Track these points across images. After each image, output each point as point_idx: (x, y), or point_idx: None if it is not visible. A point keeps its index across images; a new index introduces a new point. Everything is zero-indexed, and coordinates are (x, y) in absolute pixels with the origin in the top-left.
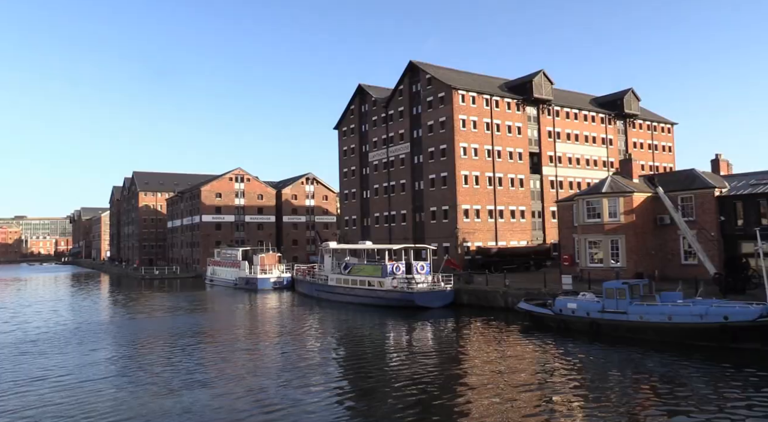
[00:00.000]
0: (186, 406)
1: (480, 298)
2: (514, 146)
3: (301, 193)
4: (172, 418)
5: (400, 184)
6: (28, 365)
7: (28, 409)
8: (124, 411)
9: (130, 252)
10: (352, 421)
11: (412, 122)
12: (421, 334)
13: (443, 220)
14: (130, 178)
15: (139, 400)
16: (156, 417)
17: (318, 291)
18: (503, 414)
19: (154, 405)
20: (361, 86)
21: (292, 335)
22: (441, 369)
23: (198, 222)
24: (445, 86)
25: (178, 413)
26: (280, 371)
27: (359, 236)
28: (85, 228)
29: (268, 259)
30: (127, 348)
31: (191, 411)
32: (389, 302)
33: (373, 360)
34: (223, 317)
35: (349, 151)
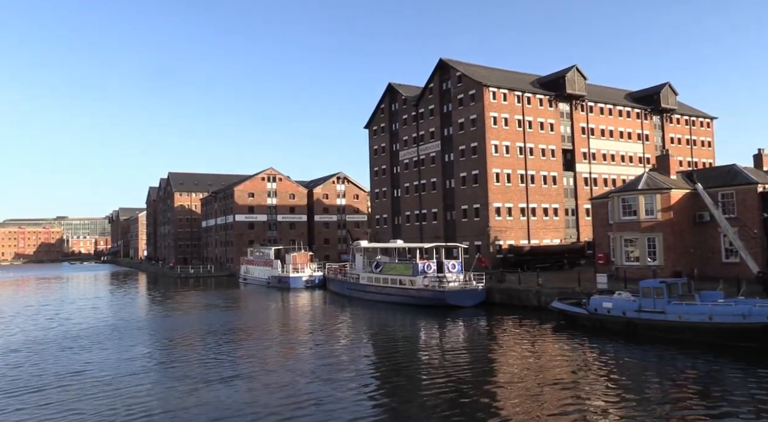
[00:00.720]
0: (220, 399)
1: (512, 297)
2: (547, 143)
3: (332, 192)
4: (207, 411)
5: (430, 182)
6: (70, 360)
7: (70, 401)
8: (161, 403)
9: (166, 251)
10: (383, 417)
11: (443, 120)
12: (452, 333)
13: (474, 219)
14: (166, 178)
15: (176, 393)
16: (191, 410)
17: (349, 290)
18: (536, 414)
19: (190, 398)
20: (391, 85)
21: (324, 333)
22: (473, 367)
23: (231, 222)
24: (476, 83)
25: (213, 406)
26: (311, 367)
27: (390, 235)
28: (123, 228)
29: (300, 258)
30: (164, 344)
31: (225, 404)
32: (420, 301)
33: (405, 358)
34: (257, 315)
35: (380, 149)
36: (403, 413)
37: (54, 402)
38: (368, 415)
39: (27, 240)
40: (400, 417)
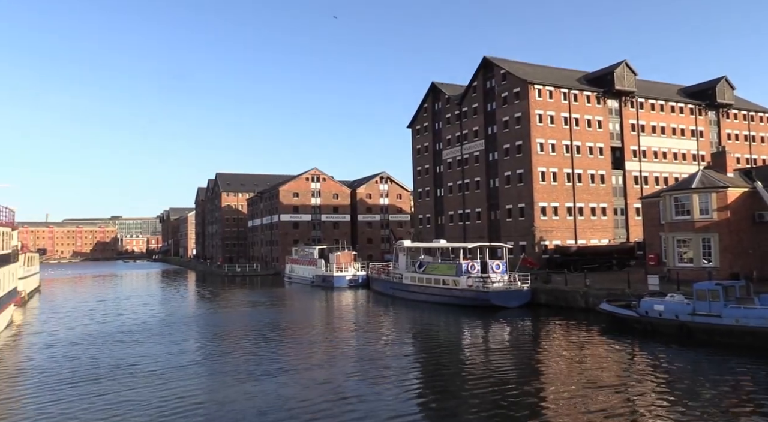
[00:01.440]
0: (266, 392)
1: (558, 298)
2: (594, 141)
3: (376, 191)
4: (252, 403)
5: (474, 181)
6: (124, 353)
7: (124, 391)
8: (208, 394)
9: (213, 250)
10: (425, 415)
11: (487, 119)
12: (496, 333)
13: (519, 218)
14: (214, 179)
15: (222, 385)
16: (238, 402)
17: (393, 290)
18: (583, 418)
19: (237, 390)
20: (434, 84)
21: (368, 331)
22: (517, 368)
23: (276, 222)
24: (521, 81)
25: (259, 399)
26: (355, 364)
27: (433, 234)
28: (174, 228)
29: (343, 257)
30: (212, 339)
31: (270, 397)
32: (464, 301)
33: (448, 358)
34: (301, 313)
35: (423, 149)
36: (446, 412)
37: (109, 393)
38: (411, 412)
39: (84, 239)
40: (443, 416)
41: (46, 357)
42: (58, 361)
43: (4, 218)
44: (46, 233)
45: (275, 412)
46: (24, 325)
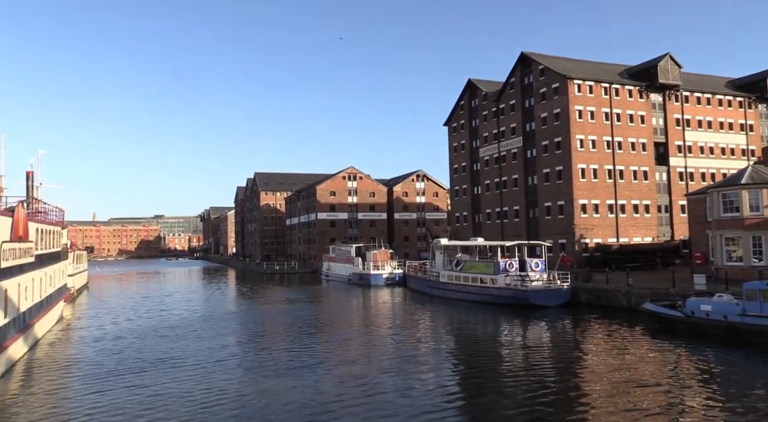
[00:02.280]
0: (305, 386)
1: (600, 297)
2: (637, 136)
3: (412, 190)
4: (291, 396)
5: (512, 179)
6: (168, 346)
7: (168, 382)
8: (249, 386)
9: (252, 248)
10: (462, 412)
11: (525, 115)
12: (535, 333)
13: (559, 216)
14: (252, 178)
15: (262, 378)
16: (276, 394)
17: (429, 288)
18: (626, 418)
19: (275, 382)
20: (471, 81)
21: (405, 328)
22: (557, 368)
23: (314, 220)
24: (560, 76)
25: (297, 392)
26: (391, 360)
27: (470, 233)
28: (214, 226)
29: (380, 256)
30: (251, 334)
31: (308, 391)
32: (502, 300)
33: (485, 356)
34: (338, 310)
35: (459, 146)
36: (483, 408)
37: (153, 384)
38: (447, 407)
39: (129, 237)
40: (480, 412)
41: (94, 350)
42: (105, 354)
43: (55, 217)
44: (93, 232)
45: (314, 405)
46: (73, 320)
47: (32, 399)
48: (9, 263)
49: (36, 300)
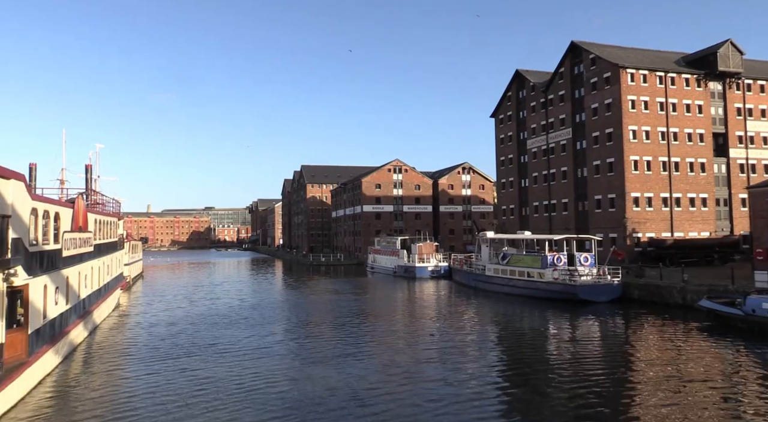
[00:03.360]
0: (349, 374)
1: (653, 294)
2: (694, 127)
3: (458, 182)
4: (337, 381)
5: (561, 171)
6: (219, 333)
7: (217, 367)
8: (297, 372)
9: (299, 239)
10: (507, 404)
11: (574, 106)
12: (584, 328)
13: (610, 209)
14: (299, 171)
15: (309, 364)
16: (321, 380)
17: (475, 281)
18: (679, 417)
19: (321, 368)
20: (519, 72)
21: (450, 321)
22: (606, 365)
23: (359, 212)
24: (612, 65)
25: (343, 380)
26: (437, 352)
27: (517, 226)
28: (262, 218)
29: (425, 248)
30: (298, 324)
31: (354, 379)
32: (549, 294)
33: (532, 352)
34: (383, 301)
35: (506, 138)
36: (530, 402)
37: (205, 368)
38: (492, 398)
39: (181, 228)
40: (526, 406)
41: (149, 335)
42: (160, 339)
43: (112, 209)
44: (147, 223)
45: (360, 390)
46: (129, 307)
47: (93, 380)
48: (70, 252)
49: (95, 288)
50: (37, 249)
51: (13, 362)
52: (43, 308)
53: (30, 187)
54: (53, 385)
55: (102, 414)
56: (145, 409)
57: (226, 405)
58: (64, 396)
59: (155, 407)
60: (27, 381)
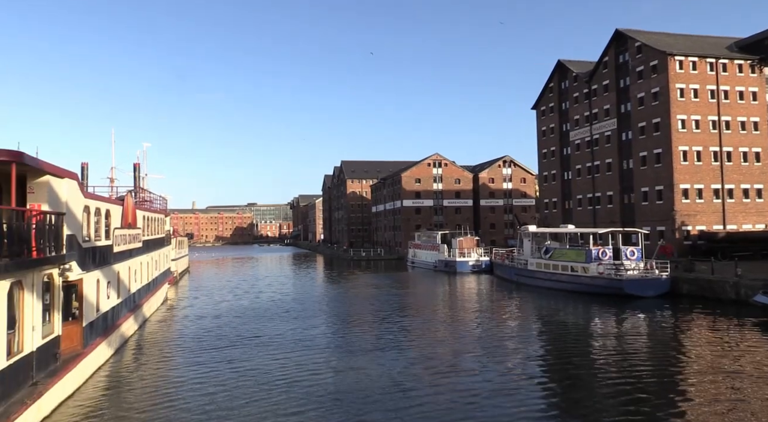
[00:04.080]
0: (391, 366)
1: (704, 288)
2: (748, 115)
3: (498, 176)
4: (380, 372)
5: (605, 163)
6: (263, 325)
7: (265, 357)
8: (339, 362)
9: (340, 235)
10: (551, 401)
11: (619, 96)
12: (630, 324)
13: (657, 202)
14: (339, 167)
15: (351, 356)
16: (364, 371)
17: (517, 276)
18: (731, 417)
19: (363, 360)
20: (561, 62)
21: (491, 315)
22: (654, 362)
23: (399, 207)
24: (659, 53)
25: (386, 370)
26: (479, 346)
27: (560, 219)
28: (303, 214)
29: (466, 243)
30: (340, 317)
31: (396, 372)
32: (594, 289)
33: (576, 348)
34: (424, 296)
35: (548, 130)
36: (572, 399)
37: (250, 359)
38: (533, 397)
39: (224, 224)
40: (568, 403)
41: (196, 327)
42: (206, 331)
43: (159, 206)
44: (192, 219)
45: (402, 381)
46: (177, 301)
47: (144, 370)
48: (120, 248)
49: (144, 283)
50: (90, 245)
51: (69, 353)
52: (96, 302)
53: (82, 186)
54: (107, 376)
55: (153, 403)
56: (193, 398)
57: (270, 396)
58: (117, 386)
59: (202, 396)
60: (82, 372)
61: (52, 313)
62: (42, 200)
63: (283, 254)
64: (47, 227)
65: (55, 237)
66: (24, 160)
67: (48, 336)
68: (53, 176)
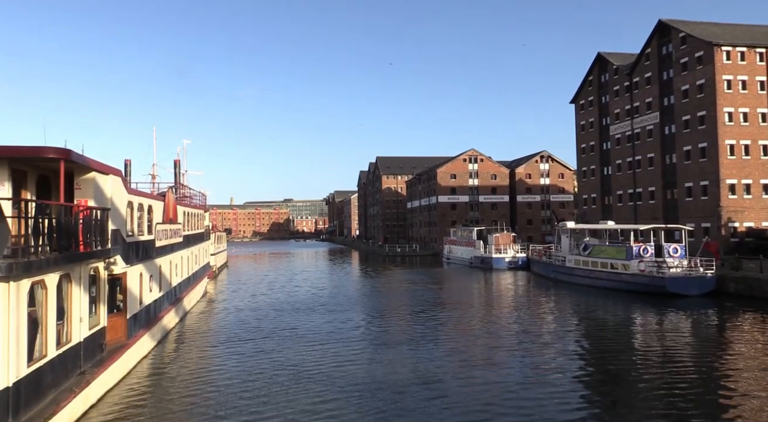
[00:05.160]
0: (427, 358)
1: (752, 287)
2: None
3: (536, 171)
4: (416, 364)
5: (647, 158)
6: (298, 318)
7: (303, 348)
8: (376, 354)
9: (375, 230)
10: (585, 403)
11: (662, 88)
12: (674, 324)
13: (702, 198)
14: (374, 162)
15: (387, 348)
16: (400, 362)
17: (554, 273)
18: None
19: (399, 353)
20: (601, 54)
21: (528, 312)
22: (699, 363)
23: (434, 203)
24: (704, 44)
25: (422, 362)
26: (514, 346)
27: (599, 215)
28: (338, 209)
29: (502, 239)
30: (376, 311)
31: (429, 367)
32: (635, 287)
33: (616, 346)
34: (460, 291)
35: (588, 125)
36: (611, 396)
37: (288, 349)
38: (573, 393)
39: (261, 220)
40: (607, 403)
41: (235, 320)
42: (245, 324)
43: (199, 201)
44: (230, 215)
45: (438, 374)
46: (216, 295)
47: (185, 361)
48: (162, 242)
49: (184, 277)
50: (133, 240)
51: (114, 344)
52: (139, 295)
53: (126, 182)
54: (149, 366)
55: (193, 393)
56: (231, 388)
57: (306, 385)
58: (159, 376)
59: (241, 386)
60: (127, 362)
61: (98, 305)
62: (88, 196)
63: (318, 249)
64: (93, 222)
65: (101, 231)
66: (72, 158)
67: (94, 328)
68: (99, 173)
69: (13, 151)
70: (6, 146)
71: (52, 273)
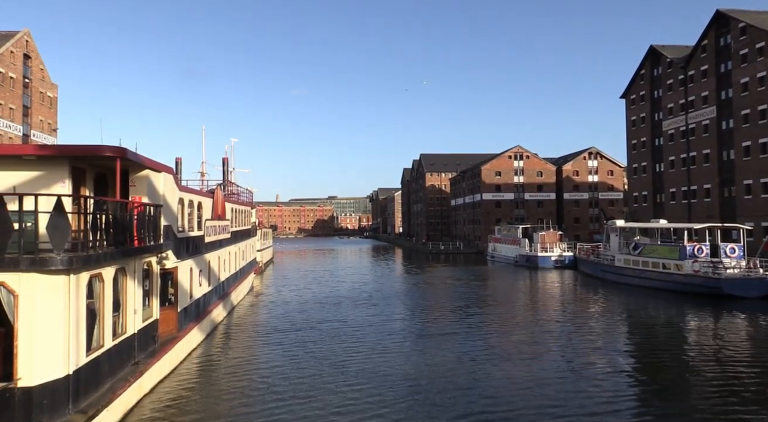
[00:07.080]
0: (470, 355)
1: None
2: None
3: (583, 168)
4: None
5: (702, 154)
6: (342, 313)
7: (349, 341)
8: (418, 352)
9: (418, 228)
10: (637, 401)
11: (720, 82)
12: (730, 327)
13: (762, 195)
14: (418, 160)
15: (430, 344)
16: (441, 357)
17: (602, 272)
18: None
19: (441, 350)
20: (653, 47)
21: (575, 312)
22: (758, 370)
23: (479, 201)
24: (766, 34)
25: (464, 358)
26: (560, 348)
27: (651, 214)
28: (382, 207)
29: (548, 237)
30: (420, 307)
31: (472, 365)
32: (689, 288)
33: (666, 347)
34: (504, 290)
35: (639, 120)
36: (661, 398)
37: (334, 342)
38: (620, 394)
39: (306, 216)
40: (657, 407)
41: (281, 314)
42: (291, 318)
43: (246, 198)
44: (276, 211)
45: (480, 371)
46: (263, 290)
47: (233, 354)
48: (211, 238)
49: (232, 272)
50: (184, 236)
51: (166, 336)
52: (190, 289)
53: (177, 179)
54: (199, 358)
55: (241, 384)
56: (278, 380)
57: (350, 378)
58: (208, 368)
59: (288, 377)
60: (178, 354)
61: (151, 298)
62: (142, 193)
63: (362, 246)
64: (147, 218)
65: (154, 227)
66: (127, 156)
67: (147, 320)
68: (152, 170)
69: (73, 150)
70: (67, 145)
71: (108, 267)
